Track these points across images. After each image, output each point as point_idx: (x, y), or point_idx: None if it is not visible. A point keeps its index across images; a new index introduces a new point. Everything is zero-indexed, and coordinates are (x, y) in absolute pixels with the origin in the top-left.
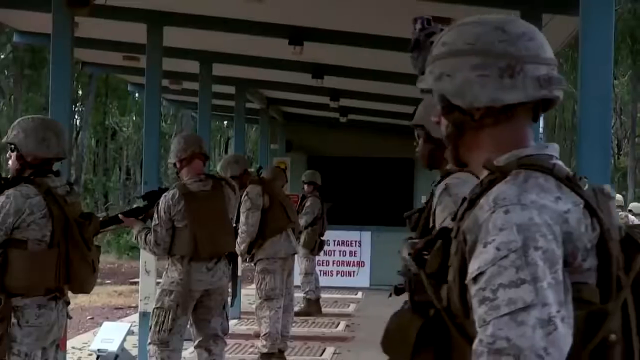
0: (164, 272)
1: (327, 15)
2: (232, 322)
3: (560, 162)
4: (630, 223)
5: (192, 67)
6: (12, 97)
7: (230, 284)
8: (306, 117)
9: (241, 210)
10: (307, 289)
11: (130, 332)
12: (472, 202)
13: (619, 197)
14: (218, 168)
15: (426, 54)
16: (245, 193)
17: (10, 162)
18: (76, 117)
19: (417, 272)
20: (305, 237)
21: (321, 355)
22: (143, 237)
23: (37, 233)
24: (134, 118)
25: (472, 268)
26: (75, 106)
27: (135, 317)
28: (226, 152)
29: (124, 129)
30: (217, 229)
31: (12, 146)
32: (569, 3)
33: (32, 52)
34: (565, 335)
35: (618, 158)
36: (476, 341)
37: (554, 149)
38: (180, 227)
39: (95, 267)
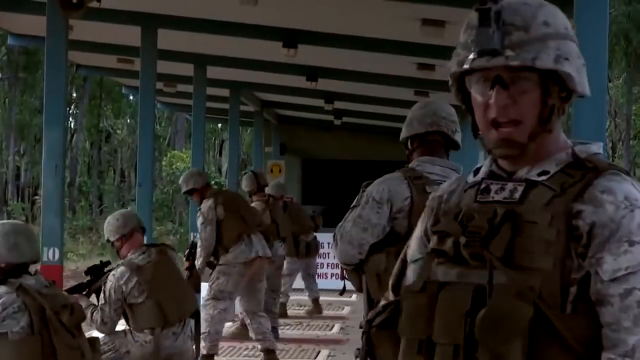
0: (125, 345)
1: (322, 18)
2: (226, 325)
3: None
4: None
5: (187, 69)
6: (7, 99)
7: (194, 346)
8: (300, 120)
9: (197, 225)
10: (282, 289)
11: None
12: (563, 189)
13: None
14: (180, 180)
15: (501, 27)
16: (198, 209)
17: None
18: (70, 119)
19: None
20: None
21: (315, 357)
22: (89, 315)
23: (15, 325)
24: (128, 121)
25: (618, 265)
26: (70, 109)
27: None
28: (220, 154)
29: (118, 131)
30: (179, 291)
31: None
32: (563, 5)
33: (26, 55)
34: None
35: (613, 160)
36: (632, 337)
37: (598, 147)
38: (138, 303)
39: (84, 353)
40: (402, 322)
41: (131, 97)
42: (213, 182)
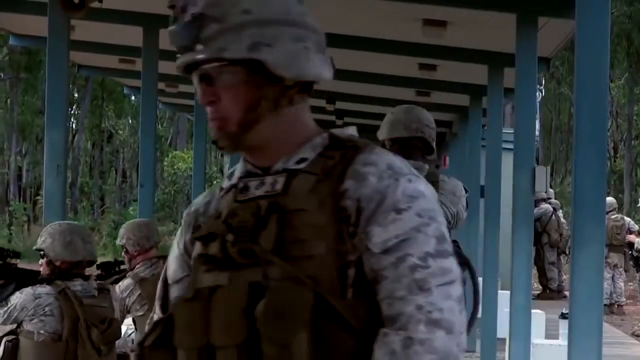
0: None
1: (322, 18)
2: None
3: None
4: (627, 226)
5: None
6: (8, 100)
7: None
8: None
9: None
10: None
11: None
12: (325, 172)
13: (612, 200)
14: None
15: (200, 21)
16: None
17: (41, 268)
18: (72, 120)
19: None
20: None
21: None
22: None
23: (42, 327)
24: (130, 121)
25: (387, 235)
26: (71, 109)
27: None
28: (222, 155)
29: (120, 131)
30: None
31: (42, 252)
32: (565, 6)
33: (28, 55)
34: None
35: (614, 161)
36: (407, 307)
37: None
38: (140, 315)
39: None
40: (178, 334)
41: (133, 98)
42: (215, 183)
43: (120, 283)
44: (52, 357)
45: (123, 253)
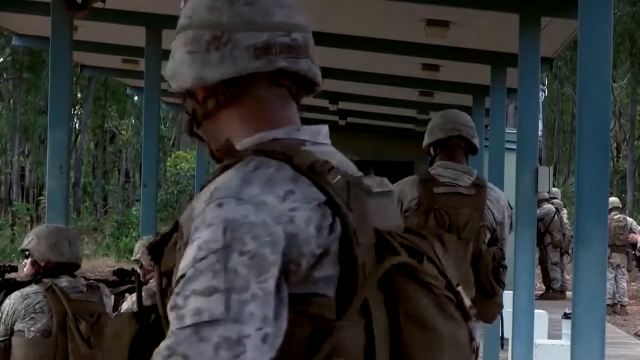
0: None
1: (326, 18)
2: None
3: (322, 149)
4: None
5: None
6: (11, 100)
7: None
8: (305, 120)
9: None
10: None
11: None
12: (201, 188)
13: (615, 199)
14: None
15: None
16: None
17: (25, 268)
18: (75, 120)
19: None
20: None
21: None
22: None
23: (32, 325)
24: (133, 121)
25: (177, 273)
26: (74, 109)
27: None
28: None
29: (123, 132)
30: None
31: (27, 252)
32: (568, 6)
33: (30, 55)
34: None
35: (617, 161)
36: (155, 350)
37: (310, 133)
38: None
39: None
40: None
41: (136, 98)
42: None
43: (133, 296)
44: (44, 354)
45: (138, 268)
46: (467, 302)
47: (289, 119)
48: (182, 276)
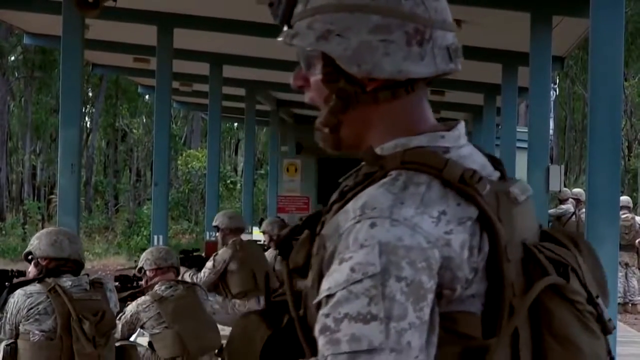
0: None
1: None
2: None
3: (461, 154)
4: (637, 226)
5: (203, 69)
6: (23, 98)
7: None
8: (316, 119)
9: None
10: None
11: None
12: (343, 195)
13: (627, 198)
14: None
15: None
16: (215, 253)
17: (29, 271)
18: (86, 118)
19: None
20: None
21: None
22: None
23: (38, 326)
24: (144, 120)
25: (323, 287)
26: (86, 108)
27: None
28: (236, 153)
29: (134, 130)
30: (200, 327)
31: (30, 256)
32: (579, 5)
33: (42, 54)
34: None
35: (628, 160)
36: None
37: (453, 138)
38: (156, 333)
39: None
40: None
41: (147, 97)
42: (229, 181)
43: (138, 299)
44: (49, 356)
45: (142, 275)
46: (606, 314)
47: (431, 122)
48: (331, 296)
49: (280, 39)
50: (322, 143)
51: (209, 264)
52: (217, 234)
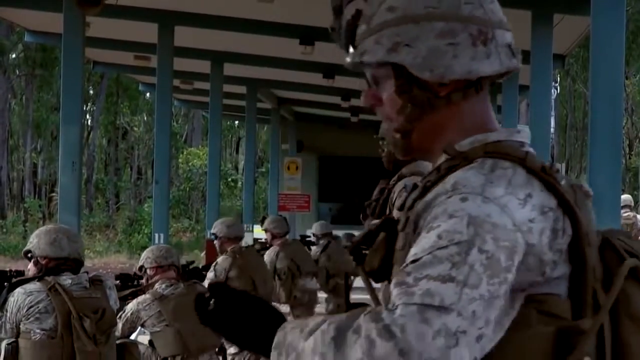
0: None
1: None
2: None
3: (532, 151)
4: (638, 224)
5: (203, 66)
6: (24, 96)
7: None
8: (317, 117)
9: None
10: None
11: None
12: (425, 189)
13: (628, 197)
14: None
15: (352, 23)
16: (215, 262)
17: (29, 269)
18: (87, 116)
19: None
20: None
21: None
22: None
23: (39, 325)
24: (145, 118)
25: (410, 254)
26: (87, 106)
27: None
28: (237, 152)
29: (135, 128)
30: (199, 325)
31: (29, 254)
32: (580, 3)
33: (43, 52)
34: (463, 357)
35: (629, 158)
36: (370, 320)
37: (526, 135)
38: (157, 331)
39: None
40: None
41: (148, 94)
42: (230, 179)
43: (139, 297)
44: (51, 355)
45: (143, 274)
46: None
47: (494, 118)
48: (416, 260)
49: (348, 59)
50: (394, 148)
51: (210, 274)
52: (215, 241)
